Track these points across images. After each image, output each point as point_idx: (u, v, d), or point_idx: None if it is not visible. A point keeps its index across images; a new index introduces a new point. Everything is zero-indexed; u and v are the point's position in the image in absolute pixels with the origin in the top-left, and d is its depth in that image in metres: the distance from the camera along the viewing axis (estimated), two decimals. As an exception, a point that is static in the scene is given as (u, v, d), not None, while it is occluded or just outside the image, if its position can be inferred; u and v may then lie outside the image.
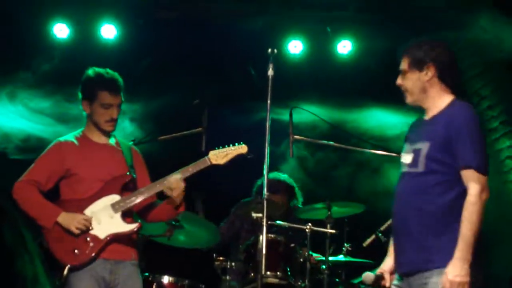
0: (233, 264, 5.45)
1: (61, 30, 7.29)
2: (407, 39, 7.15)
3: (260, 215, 4.33)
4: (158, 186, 4.54)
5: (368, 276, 4.06)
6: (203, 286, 5.52)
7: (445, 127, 3.78)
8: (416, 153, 3.85)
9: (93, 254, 4.38)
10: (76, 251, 4.37)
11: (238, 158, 4.67)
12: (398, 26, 7.40)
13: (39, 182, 4.47)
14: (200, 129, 4.98)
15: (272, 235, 5.47)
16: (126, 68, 7.24)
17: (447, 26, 7.12)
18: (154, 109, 7.17)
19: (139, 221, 4.59)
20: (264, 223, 4.24)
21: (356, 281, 6.11)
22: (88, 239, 4.40)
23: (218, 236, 5.85)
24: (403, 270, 3.89)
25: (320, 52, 7.62)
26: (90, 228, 4.41)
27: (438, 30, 7.15)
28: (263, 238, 4.19)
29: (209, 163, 4.58)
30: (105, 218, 4.45)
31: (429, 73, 3.88)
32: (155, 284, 5.32)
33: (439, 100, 3.89)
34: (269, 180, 6.01)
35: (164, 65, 7.24)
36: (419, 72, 3.90)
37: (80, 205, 4.45)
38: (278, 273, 5.34)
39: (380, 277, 4.01)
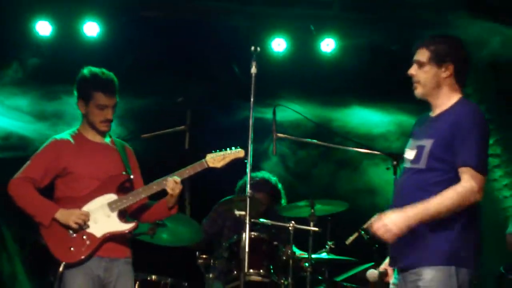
0: (216, 262, 5.45)
1: (43, 28, 7.25)
2: (390, 37, 7.29)
3: (243, 213, 4.33)
4: (155, 187, 4.57)
5: (372, 273, 4.10)
6: (186, 284, 5.52)
7: (450, 125, 3.76)
8: (419, 149, 3.84)
9: (88, 252, 4.41)
10: (72, 248, 4.40)
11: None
12: (382, 24, 7.43)
13: (35, 179, 4.49)
14: (183, 127, 4.98)
15: (255, 233, 5.47)
16: (109, 66, 7.25)
17: (431, 25, 7.16)
18: (137, 107, 7.15)
19: (135, 220, 4.62)
20: (247, 221, 4.24)
21: (339, 278, 6.13)
22: (85, 237, 4.42)
23: (201, 234, 5.85)
24: (397, 266, 3.91)
25: (303, 50, 7.62)
26: (87, 225, 4.43)
27: (422, 29, 7.18)
28: (246, 236, 4.19)
29: (206, 166, 4.60)
30: (101, 217, 4.47)
31: (447, 72, 3.85)
32: (138, 282, 5.31)
33: (448, 97, 3.87)
34: (257, 179, 6.08)
35: (147, 63, 7.22)
36: (438, 68, 3.86)
37: (76, 203, 4.47)
38: (261, 271, 5.34)
39: (383, 274, 4.03)
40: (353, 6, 7.50)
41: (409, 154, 3.92)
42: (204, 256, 5.47)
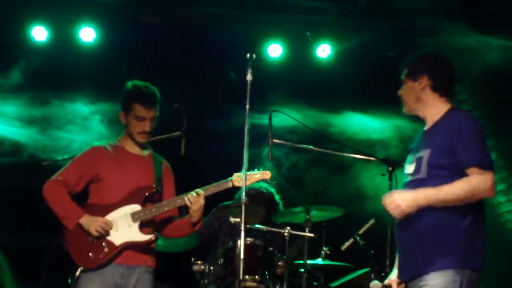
0: (211, 268, 5.44)
1: (39, 33, 7.26)
2: (387, 43, 7.31)
3: (238, 220, 4.34)
4: (178, 202, 4.67)
5: (375, 285, 4.14)
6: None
7: (446, 133, 3.86)
8: (418, 161, 3.93)
9: (106, 259, 4.52)
10: (90, 254, 4.52)
11: (220, 160, 4.71)
12: (378, 31, 7.45)
13: (69, 183, 4.63)
14: (179, 132, 4.99)
15: (251, 239, 5.47)
16: (105, 71, 7.26)
17: (428, 31, 7.19)
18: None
19: (155, 233, 4.71)
20: (242, 228, 4.24)
21: (334, 284, 6.14)
22: (104, 244, 4.54)
23: (196, 240, 5.85)
24: (405, 277, 3.96)
25: (299, 56, 7.65)
26: (108, 233, 4.54)
27: (418, 35, 7.22)
28: (241, 243, 4.19)
29: (231, 185, 4.70)
30: (123, 226, 4.58)
31: (423, 83, 4.00)
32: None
33: (435, 109, 4.00)
34: (253, 190, 6.08)
35: (143, 69, 7.22)
36: (414, 82, 4.03)
37: (102, 210, 4.59)
38: (257, 277, 5.33)
39: (387, 286, 4.08)
40: (349, 12, 7.53)
41: (409, 168, 4.01)
42: (199, 262, 5.46)
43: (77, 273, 4.48)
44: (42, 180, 4.69)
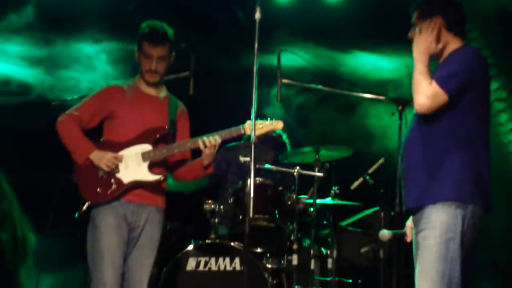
0: (221, 207, 5.48)
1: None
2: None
3: (247, 159, 4.33)
4: (189, 144, 4.69)
5: (383, 235, 4.21)
6: (188, 228, 5.62)
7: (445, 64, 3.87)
8: None
9: (113, 196, 4.57)
10: (98, 189, 4.58)
11: (229, 100, 4.67)
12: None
13: (82, 118, 4.66)
14: (187, 73, 4.96)
15: (260, 179, 5.49)
16: (111, 11, 7.18)
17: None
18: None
19: (163, 173, 4.73)
20: (252, 167, 4.24)
21: (343, 223, 6.18)
22: (112, 181, 4.59)
23: (206, 180, 5.88)
24: (411, 204, 3.95)
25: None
26: (118, 169, 4.58)
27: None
28: (251, 182, 4.20)
29: (242, 132, 4.69)
30: (132, 165, 4.62)
31: (437, 24, 3.95)
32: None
33: (448, 48, 3.97)
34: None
35: (151, 8, 7.15)
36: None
37: (114, 148, 4.63)
38: (266, 216, 5.38)
39: (398, 234, 4.15)
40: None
41: None
42: (209, 201, 5.51)
43: (84, 207, 4.54)
44: (51, 120, 4.69)
